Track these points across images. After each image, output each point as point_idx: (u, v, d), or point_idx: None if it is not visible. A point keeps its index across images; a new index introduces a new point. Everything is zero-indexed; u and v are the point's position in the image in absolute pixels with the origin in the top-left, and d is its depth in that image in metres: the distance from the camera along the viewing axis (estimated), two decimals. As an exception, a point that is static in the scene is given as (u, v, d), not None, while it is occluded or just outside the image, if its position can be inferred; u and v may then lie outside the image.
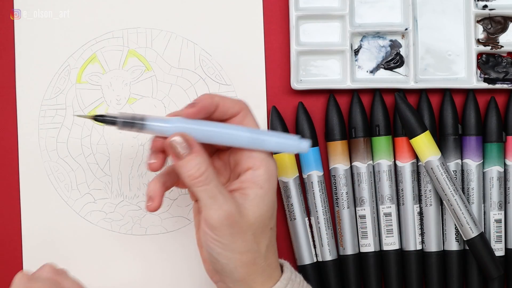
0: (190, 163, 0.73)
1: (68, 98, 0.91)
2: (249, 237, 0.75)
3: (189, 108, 0.74)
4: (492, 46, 0.91)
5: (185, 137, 0.73)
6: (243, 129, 0.75)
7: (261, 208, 0.75)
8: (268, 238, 0.76)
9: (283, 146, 0.77)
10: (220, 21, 0.91)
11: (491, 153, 0.90)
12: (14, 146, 0.91)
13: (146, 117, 0.74)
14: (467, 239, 0.89)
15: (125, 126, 0.74)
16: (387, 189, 0.90)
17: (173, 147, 0.73)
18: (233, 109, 0.76)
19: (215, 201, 0.73)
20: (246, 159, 0.76)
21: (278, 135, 0.77)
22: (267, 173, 0.75)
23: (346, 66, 0.90)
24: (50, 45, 0.91)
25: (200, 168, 0.73)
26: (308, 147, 0.77)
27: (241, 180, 0.76)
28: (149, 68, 0.91)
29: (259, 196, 0.75)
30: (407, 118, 0.88)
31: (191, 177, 0.73)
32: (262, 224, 0.75)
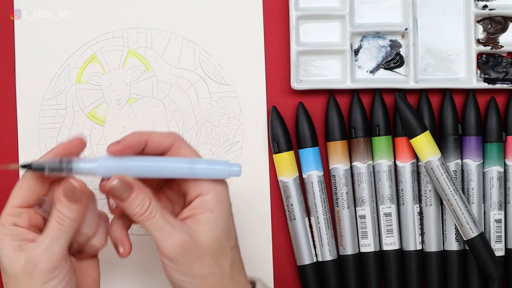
0: (133, 203, 0.74)
1: (68, 98, 0.91)
2: (208, 260, 0.75)
3: (114, 145, 0.74)
4: (492, 46, 0.91)
5: (123, 179, 0.73)
6: (173, 160, 0.75)
7: (215, 230, 0.75)
8: (230, 258, 0.76)
9: (215, 172, 0.75)
10: (220, 21, 0.91)
11: (491, 153, 0.90)
12: (14, 146, 0.91)
13: (72, 159, 0.74)
14: (467, 239, 0.89)
15: (52, 171, 0.73)
16: (387, 189, 0.90)
17: (114, 192, 0.73)
18: (165, 143, 0.76)
19: (163, 232, 0.74)
20: (194, 187, 0.75)
21: (208, 162, 0.76)
22: (216, 197, 0.75)
23: (346, 66, 0.90)
24: (50, 45, 0.91)
25: (144, 206, 0.74)
26: (240, 171, 0.76)
27: (191, 207, 0.76)
28: (149, 68, 0.91)
29: (211, 220, 0.75)
30: (407, 118, 0.88)
31: (136, 215, 0.74)
32: (220, 245, 0.75)
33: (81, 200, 0.73)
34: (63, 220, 0.73)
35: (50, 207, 0.75)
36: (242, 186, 0.91)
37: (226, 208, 0.76)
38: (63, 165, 0.74)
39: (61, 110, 0.91)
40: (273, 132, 0.90)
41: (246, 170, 0.91)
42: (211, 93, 0.91)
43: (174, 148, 0.76)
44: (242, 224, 0.91)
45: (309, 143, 0.90)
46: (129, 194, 0.73)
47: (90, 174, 0.74)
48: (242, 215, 0.91)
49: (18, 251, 0.73)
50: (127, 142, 0.74)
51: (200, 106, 0.91)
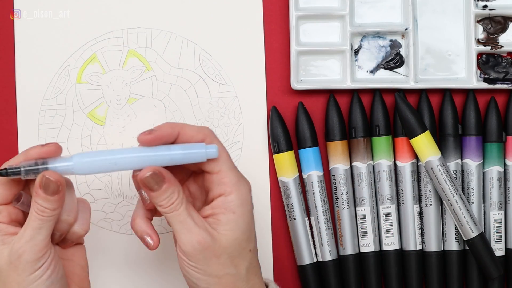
0: (163, 194, 0.74)
1: (68, 98, 0.91)
2: (225, 260, 0.75)
3: (145, 135, 0.74)
4: (492, 46, 0.91)
5: (156, 171, 0.74)
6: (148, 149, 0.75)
7: (236, 232, 0.75)
8: (248, 261, 0.76)
9: (190, 156, 0.75)
10: (220, 21, 0.91)
11: (491, 153, 0.90)
12: (14, 146, 0.91)
13: (47, 160, 0.74)
14: (467, 239, 0.89)
15: (29, 174, 0.74)
16: (387, 189, 0.90)
17: (146, 183, 0.74)
18: (196, 138, 0.76)
19: (184, 226, 0.74)
20: (217, 186, 0.76)
21: (184, 147, 0.75)
22: (239, 198, 0.75)
23: (346, 66, 0.90)
24: (50, 45, 0.91)
25: (171, 198, 0.74)
26: (216, 152, 0.76)
27: (212, 206, 0.76)
28: (149, 68, 0.91)
29: (232, 221, 0.75)
30: (407, 118, 0.88)
31: (162, 206, 0.74)
32: (239, 247, 0.75)
33: (58, 191, 0.73)
34: (43, 211, 0.73)
35: (28, 200, 0.75)
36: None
37: (248, 210, 0.76)
38: (39, 167, 0.74)
39: (61, 110, 0.91)
40: (273, 132, 0.90)
41: (246, 170, 0.91)
42: (211, 93, 0.91)
43: (206, 143, 0.76)
44: (242, 224, 0.91)
45: (309, 143, 0.90)
46: (160, 186, 0.74)
47: (68, 173, 0.75)
48: (242, 215, 0.91)
49: (1, 246, 0.74)
50: (159, 133, 0.74)
51: (200, 106, 0.91)
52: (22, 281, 0.73)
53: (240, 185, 0.76)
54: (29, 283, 0.73)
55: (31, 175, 0.74)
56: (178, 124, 0.76)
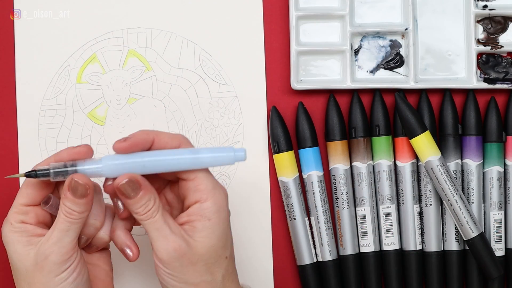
0: (139, 202, 0.74)
1: (68, 98, 0.91)
2: (201, 268, 0.75)
3: (120, 142, 0.74)
4: (492, 46, 0.91)
5: (132, 178, 0.73)
6: (177, 152, 0.75)
7: (212, 239, 0.75)
8: (224, 268, 0.76)
9: (219, 159, 0.75)
10: (220, 21, 0.91)
11: (491, 153, 0.90)
12: (14, 146, 0.91)
13: (77, 162, 0.74)
14: (467, 239, 0.89)
15: (58, 175, 0.74)
16: (387, 189, 0.90)
17: (123, 190, 0.74)
18: (171, 144, 0.76)
19: (160, 233, 0.74)
20: (192, 193, 0.75)
21: (213, 150, 0.75)
22: (215, 205, 0.75)
23: (346, 66, 0.90)
24: (50, 45, 0.91)
25: (148, 206, 0.74)
26: (245, 155, 0.75)
27: (188, 213, 0.75)
28: (149, 68, 0.91)
29: (208, 228, 0.75)
30: (407, 118, 0.88)
31: (138, 214, 0.74)
32: (215, 254, 0.75)
33: (86, 195, 0.73)
34: (70, 214, 0.73)
35: (56, 203, 0.75)
36: (242, 186, 0.91)
37: (224, 217, 0.76)
38: (68, 169, 0.74)
39: (61, 110, 0.91)
40: (273, 132, 0.90)
41: (246, 170, 0.91)
42: (211, 93, 0.91)
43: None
44: (242, 224, 0.91)
45: (309, 143, 0.90)
46: (137, 193, 0.74)
47: (96, 175, 0.75)
48: (242, 215, 0.91)
49: (27, 246, 0.74)
50: (134, 140, 0.74)
51: (200, 106, 0.91)
52: (48, 282, 0.73)
53: (215, 192, 0.75)
54: (55, 284, 0.73)
55: (60, 177, 0.74)
56: (152, 131, 0.75)
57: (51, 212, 0.76)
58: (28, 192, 0.75)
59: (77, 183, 0.73)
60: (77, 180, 0.73)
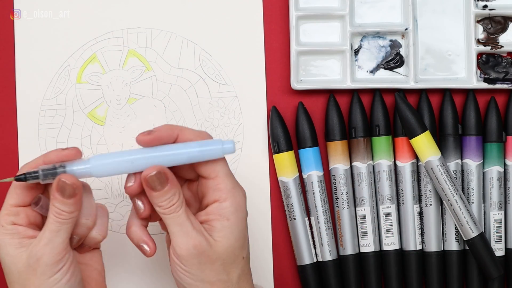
0: (164, 195, 0.74)
1: (68, 98, 0.91)
2: (218, 267, 0.74)
3: (144, 135, 0.74)
4: (492, 46, 0.91)
5: (161, 170, 0.73)
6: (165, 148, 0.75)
7: (230, 239, 0.75)
8: (240, 268, 0.76)
9: (208, 152, 0.75)
10: (220, 21, 0.91)
11: (491, 153, 0.90)
12: (14, 146, 0.91)
13: (65, 163, 0.74)
14: (467, 239, 0.89)
15: (47, 177, 0.74)
16: (387, 189, 0.90)
17: (151, 182, 0.73)
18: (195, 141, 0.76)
19: (182, 228, 0.74)
20: (212, 192, 0.75)
21: (201, 144, 0.75)
22: (233, 205, 0.75)
23: (346, 66, 0.90)
24: (50, 45, 0.91)
25: (172, 200, 0.74)
26: (233, 147, 0.75)
27: (207, 212, 0.75)
28: (149, 68, 0.91)
29: (226, 228, 0.75)
30: (407, 118, 0.88)
31: (162, 207, 0.74)
32: (232, 254, 0.75)
33: (74, 194, 0.73)
34: (60, 214, 0.73)
35: (46, 204, 0.75)
36: (242, 186, 0.90)
37: (242, 217, 0.76)
38: (57, 170, 0.74)
39: (61, 110, 0.91)
40: (273, 132, 0.90)
41: (246, 170, 0.91)
42: (211, 93, 0.91)
43: None
44: (242, 224, 0.91)
45: (309, 143, 0.90)
46: (163, 186, 0.73)
47: (86, 176, 0.75)
48: (242, 215, 0.91)
49: (19, 248, 0.73)
50: (158, 134, 0.74)
51: (200, 106, 0.91)
52: (41, 284, 0.73)
53: (235, 192, 0.75)
54: (49, 286, 0.73)
55: (50, 179, 0.74)
56: (177, 127, 0.75)
57: (41, 213, 0.76)
58: (17, 193, 0.75)
59: (65, 183, 0.73)
60: (64, 180, 0.73)
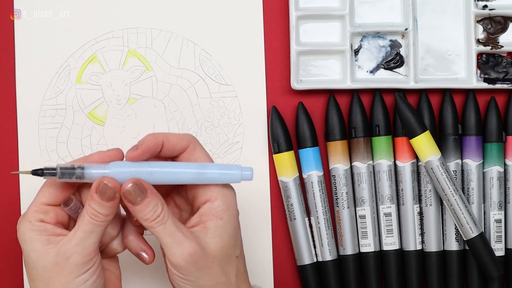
0: (146, 208, 0.73)
1: (68, 98, 0.91)
2: (216, 269, 0.74)
3: (133, 151, 0.73)
4: (492, 46, 0.91)
5: (137, 183, 0.73)
6: (185, 165, 0.75)
7: (224, 238, 0.75)
8: (235, 267, 0.76)
9: (226, 176, 0.75)
10: (220, 21, 0.91)
11: (491, 153, 0.90)
12: (14, 146, 0.91)
13: (84, 165, 0.74)
14: (467, 239, 0.89)
15: (64, 176, 0.73)
16: (387, 189, 0.90)
17: (128, 196, 0.73)
18: (180, 145, 0.75)
19: (174, 239, 0.73)
20: (202, 193, 0.75)
21: (220, 167, 0.75)
22: (225, 204, 0.75)
23: (346, 66, 0.90)
24: (50, 45, 0.91)
25: (156, 211, 0.73)
26: (252, 174, 0.75)
27: (199, 213, 0.75)
28: (149, 68, 0.91)
29: (220, 227, 0.74)
30: (407, 118, 0.88)
31: (148, 220, 0.73)
32: (227, 254, 0.75)
33: (113, 198, 0.73)
34: (96, 216, 0.73)
35: (76, 206, 0.75)
36: (242, 186, 0.90)
37: (234, 215, 0.76)
38: (75, 171, 0.74)
39: (61, 110, 0.91)
40: (273, 132, 0.90)
41: (246, 170, 0.91)
42: (211, 93, 0.91)
43: (189, 149, 0.75)
44: (242, 224, 0.90)
45: (309, 143, 0.90)
46: (143, 198, 0.73)
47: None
48: (243, 215, 0.90)
49: (47, 245, 0.73)
50: (146, 147, 0.74)
51: (200, 106, 0.91)
52: (68, 283, 0.73)
53: (225, 190, 0.75)
54: (75, 285, 0.73)
55: (67, 178, 0.73)
56: (161, 134, 0.75)
57: (70, 214, 0.76)
58: (50, 192, 0.75)
59: (106, 186, 0.72)
60: (106, 183, 0.72)
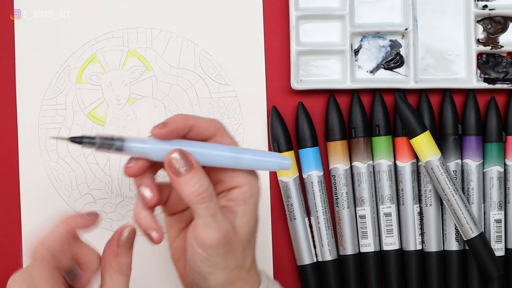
0: (192, 180, 0.71)
1: (68, 98, 0.91)
2: (239, 253, 0.74)
3: (159, 128, 0.71)
4: (492, 46, 0.91)
5: (183, 154, 0.71)
6: (224, 148, 0.73)
7: (251, 223, 0.74)
8: (252, 253, 0.76)
9: (263, 164, 0.74)
10: (220, 21, 0.91)
11: (491, 153, 0.90)
12: (14, 146, 0.91)
13: (124, 137, 0.71)
14: (467, 239, 0.89)
15: (102, 146, 0.70)
16: (387, 189, 0.90)
17: (173, 165, 0.71)
18: (209, 131, 0.73)
19: (215, 219, 0.71)
20: (230, 179, 0.74)
21: (258, 153, 0.74)
22: (250, 190, 0.74)
23: (346, 66, 0.90)
24: (50, 45, 0.91)
25: (203, 184, 0.71)
26: (290, 164, 0.74)
27: (228, 198, 0.74)
28: (149, 68, 0.91)
29: (248, 212, 0.74)
30: (407, 118, 0.88)
31: (194, 193, 0.71)
32: (251, 238, 0.75)
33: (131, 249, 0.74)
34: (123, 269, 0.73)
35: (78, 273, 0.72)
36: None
37: (257, 201, 0.75)
38: (115, 142, 0.70)
39: (61, 110, 0.91)
40: (273, 132, 0.90)
41: (246, 170, 0.91)
42: (211, 93, 0.91)
43: (217, 136, 0.74)
44: (242, 224, 0.91)
45: (309, 143, 0.90)
46: (189, 170, 0.70)
47: (141, 155, 0.71)
48: (242, 215, 0.91)
49: None
50: (174, 126, 0.71)
51: (200, 106, 0.91)
52: None
53: (251, 177, 0.74)
54: None
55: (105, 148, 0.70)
56: (191, 117, 0.73)
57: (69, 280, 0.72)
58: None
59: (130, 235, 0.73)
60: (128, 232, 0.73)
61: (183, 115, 0.73)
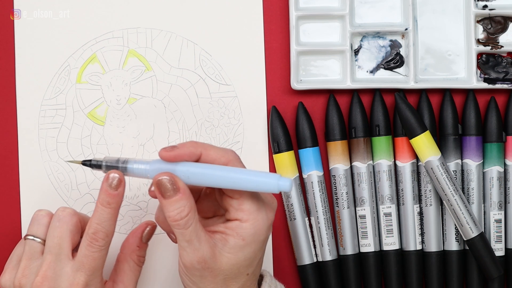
0: (173, 205, 0.73)
1: (68, 98, 0.91)
2: (219, 280, 0.75)
3: (166, 151, 0.74)
4: (492, 46, 0.91)
5: (172, 178, 0.73)
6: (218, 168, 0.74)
7: (239, 257, 0.75)
8: (241, 283, 0.76)
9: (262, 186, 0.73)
10: (220, 21, 0.91)
11: (491, 153, 0.90)
12: (14, 146, 0.91)
13: (128, 160, 0.76)
14: (467, 239, 0.89)
15: (108, 169, 0.77)
16: (387, 189, 0.90)
17: (159, 186, 0.73)
18: (219, 161, 0.74)
19: (189, 245, 0.74)
20: (235, 211, 0.75)
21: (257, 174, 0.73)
22: (253, 227, 0.74)
23: (346, 66, 0.90)
24: (50, 45, 0.91)
25: (181, 212, 0.73)
26: (290, 185, 0.73)
27: (226, 226, 0.75)
28: (149, 68, 0.91)
29: (239, 246, 0.74)
30: (407, 118, 0.88)
31: (170, 218, 0.74)
32: (237, 271, 0.75)
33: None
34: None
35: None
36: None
37: (260, 240, 0.75)
38: (119, 164, 0.76)
39: (61, 110, 0.91)
40: (273, 132, 0.90)
41: (246, 170, 0.91)
42: (211, 93, 0.91)
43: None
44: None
45: (309, 143, 0.90)
46: (172, 195, 0.73)
47: (142, 176, 0.75)
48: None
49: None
50: (181, 152, 0.74)
51: (200, 106, 0.91)
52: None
53: (258, 214, 0.75)
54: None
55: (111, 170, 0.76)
56: (202, 145, 0.74)
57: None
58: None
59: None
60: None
61: (194, 143, 0.75)
